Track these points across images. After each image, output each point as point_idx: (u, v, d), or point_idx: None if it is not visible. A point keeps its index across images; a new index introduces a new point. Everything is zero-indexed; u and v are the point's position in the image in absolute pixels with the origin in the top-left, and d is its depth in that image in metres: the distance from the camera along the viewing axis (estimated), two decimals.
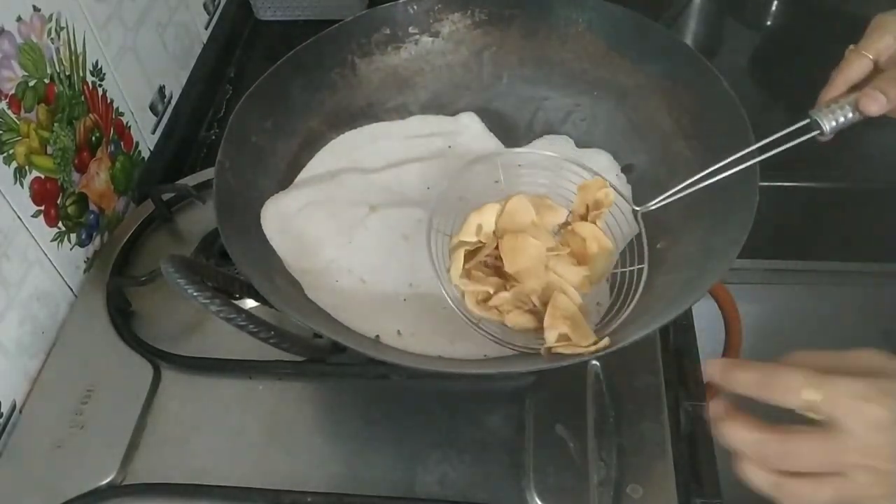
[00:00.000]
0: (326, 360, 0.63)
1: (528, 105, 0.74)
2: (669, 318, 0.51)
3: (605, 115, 0.71)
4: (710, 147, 0.61)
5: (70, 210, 0.72)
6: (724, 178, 0.57)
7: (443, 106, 0.75)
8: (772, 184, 0.88)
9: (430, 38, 0.74)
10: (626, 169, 0.69)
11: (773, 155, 0.57)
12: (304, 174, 0.70)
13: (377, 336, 0.58)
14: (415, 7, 0.72)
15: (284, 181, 0.67)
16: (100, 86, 0.78)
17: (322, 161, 0.71)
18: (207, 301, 0.51)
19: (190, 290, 0.51)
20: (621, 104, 0.71)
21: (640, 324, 0.54)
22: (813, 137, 0.57)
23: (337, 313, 0.59)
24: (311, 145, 0.70)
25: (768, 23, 1.14)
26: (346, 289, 0.61)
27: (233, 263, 0.56)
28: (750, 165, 0.56)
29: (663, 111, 0.67)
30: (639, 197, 0.65)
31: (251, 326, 0.52)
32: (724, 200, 0.58)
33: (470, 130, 0.73)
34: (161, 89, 0.91)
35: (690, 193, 0.61)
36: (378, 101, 0.74)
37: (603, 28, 0.71)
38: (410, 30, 0.73)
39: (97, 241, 0.77)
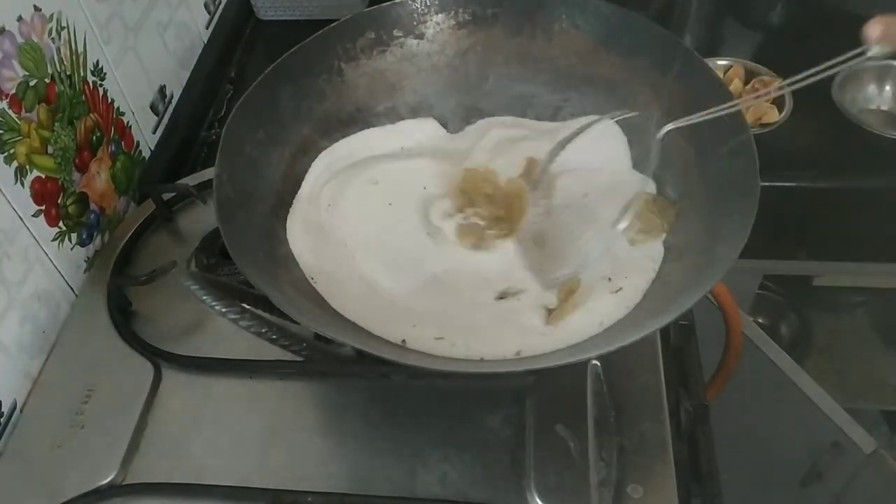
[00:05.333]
0: (349, 368, 0.63)
1: (517, 103, 0.74)
2: (681, 311, 0.51)
3: (595, 108, 0.71)
4: (704, 134, 0.61)
5: (71, 210, 0.73)
6: (722, 163, 0.58)
7: (432, 107, 0.75)
8: (772, 184, 0.88)
9: (416, 41, 0.74)
10: None
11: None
12: (314, 179, 0.70)
13: (403, 340, 0.57)
14: (398, 10, 0.72)
15: (281, 191, 0.67)
16: (100, 85, 0.78)
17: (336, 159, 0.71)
18: (237, 317, 0.51)
19: (218, 307, 0.51)
20: (610, 98, 0.70)
21: (646, 318, 0.54)
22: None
23: (361, 320, 0.59)
24: (305, 153, 0.70)
25: (769, 23, 1.14)
26: (369, 294, 0.61)
27: (233, 262, 0.57)
28: (749, 153, 0.57)
29: (654, 102, 0.67)
30: None
31: (283, 341, 0.53)
32: (725, 187, 0.59)
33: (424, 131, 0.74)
34: (162, 89, 0.91)
35: (689, 182, 0.62)
36: (367, 105, 0.73)
37: (588, 23, 0.71)
38: (395, 33, 0.73)
39: (98, 240, 0.77)
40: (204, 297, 0.52)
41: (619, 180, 0.67)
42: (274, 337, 0.54)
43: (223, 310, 0.52)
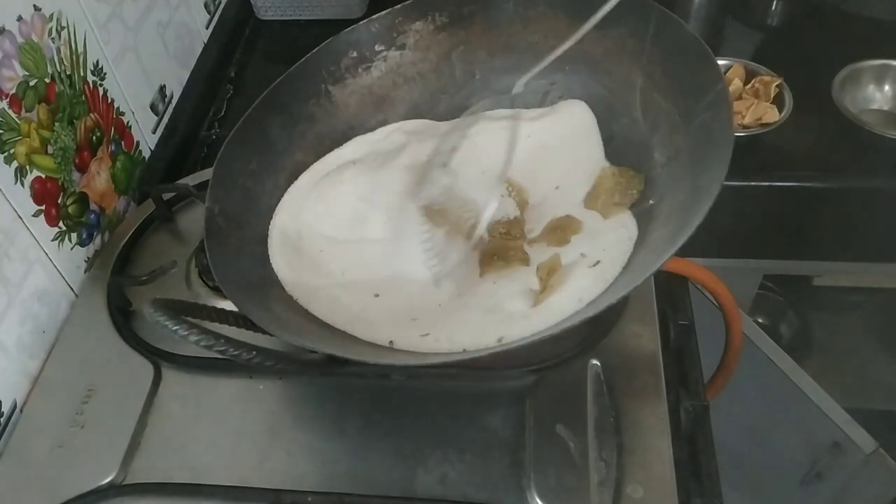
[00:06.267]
0: (324, 371, 0.63)
1: (506, 94, 0.74)
2: (654, 269, 0.51)
3: (581, 87, 0.71)
4: (684, 92, 0.61)
5: (71, 209, 0.73)
6: (702, 119, 0.58)
7: (423, 114, 0.75)
8: (772, 184, 0.88)
9: (398, 52, 0.74)
10: (607, 140, 0.69)
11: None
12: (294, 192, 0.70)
13: (391, 342, 0.57)
14: (376, 25, 0.73)
15: None
16: (100, 85, 0.78)
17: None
18: (186, 333, 0.50)
19: (170, 326, 0.50)
20: (595, 73, 0.70)
21: (641, 265, 0.54)
22: None
23: (349, 327, 0.59)
24: (299, 177, 0.71)
25: (769, 23, 1.14)
26: (351, 301, 0.61)
27: None
28: (724, 103, 0.57)
29: (636, 70, 0.67)
30: (626, 160, 0.67)
31: (232, 350, 0.51)
32: (703, 142, 0.58)
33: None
34: (162, 89, 0.91)
35: (675, 144, 0.62)
36: (358, 122, 0.74)
37: (561, 3, 0.70)
38: (377, 48, 0.73)
39: (98, 240, 0.77)
40: (158, 319, 0.50)
41: (587, 161, 0.68)
42: (222, 348, 0.52)
43: (174, 328, 0.51)
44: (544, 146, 0.70)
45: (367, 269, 0.64)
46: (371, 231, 0.66)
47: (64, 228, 0.72)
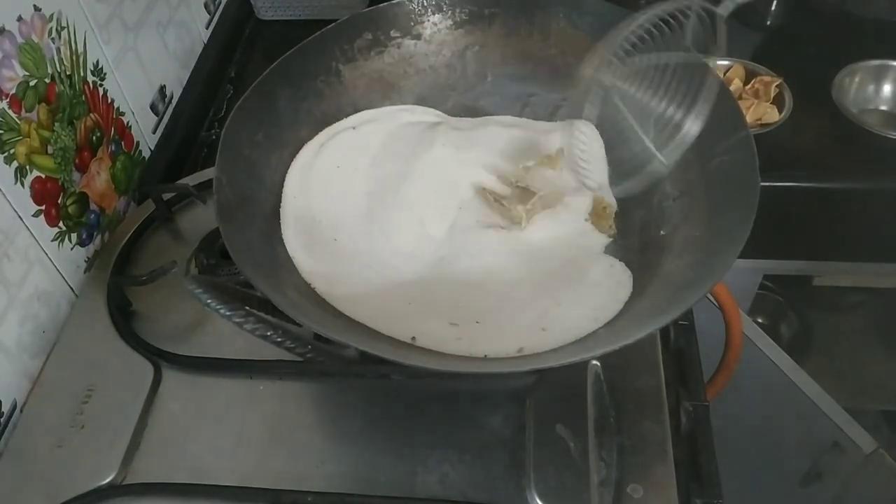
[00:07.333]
0: (350, 368, 0.63)
1: (515, 102, 0.74)
2: (684, 308, 0.51)
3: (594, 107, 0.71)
4: (702, 132, 0.61)
5: (71, 210, 0.73)
6: (721, 160, 0.59)
7: (430, 107, 0.75)
8: (772, 184, 0.88)
9: (413, 41, 0.74)
10: (616, 164, 0.69)
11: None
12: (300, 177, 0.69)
13: (413, 338, 0.57)
14: (395, 11, 0.73)
15: (280, 193, 0.67)
16: (100, 85, 0.78)
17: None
18: (242, 320, 0.51)
19: (223, 311, 0.51)
20: (609, 96, 0.70)
21: (648, 315, 0.54)
22: None
23: (370, 320, 0.58)
24: (300, 151, 0.70)
25: (768, 23, 1.14)
26: (372, 290, 0.61)
27: (233, 263, 0.57)
28: (748, 149, 0.57)
29: (654, 101, 0.67)
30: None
31: (288, 343, 0.53)
32: (725, 184, 0.59)
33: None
34: (162, 89, 0.91)
35: (689, 180, 0.62)
36: (365, 106, 0.74)
37: (585, 22, 0.71)
38: (392, 33, 0.73)
39: (98, 240, 0.77)
40: (209, 301, 0.52)
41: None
42: (279, 339, 0.53)
43: (227, 313, 0.52)
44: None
45: (378, 255, 0.63)
46: (373, 207, 0.66)
47: (64, 228, 0.72)
